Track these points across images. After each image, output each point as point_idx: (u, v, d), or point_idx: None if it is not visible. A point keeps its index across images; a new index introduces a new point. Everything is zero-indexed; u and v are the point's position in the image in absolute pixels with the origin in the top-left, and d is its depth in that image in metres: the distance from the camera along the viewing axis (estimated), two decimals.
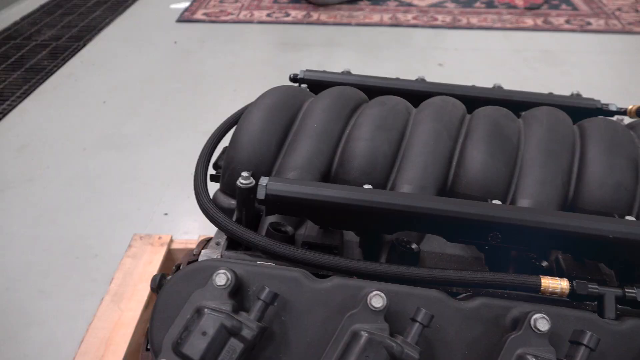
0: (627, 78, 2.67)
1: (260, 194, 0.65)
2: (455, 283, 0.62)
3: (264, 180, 0.65)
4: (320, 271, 0.64)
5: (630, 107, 0.95)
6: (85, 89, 2.58)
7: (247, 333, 0.54)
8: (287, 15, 3.29)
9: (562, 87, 1.06)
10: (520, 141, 0.78)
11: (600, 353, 0.57)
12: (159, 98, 2.49)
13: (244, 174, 0.68)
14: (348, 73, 1.04)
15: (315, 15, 3.26)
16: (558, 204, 0.73)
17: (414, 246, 0.68)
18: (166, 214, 1.83)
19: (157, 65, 2.77)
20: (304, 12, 3.30)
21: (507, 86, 1.03)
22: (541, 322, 0.54)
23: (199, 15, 3.29)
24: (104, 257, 1.66)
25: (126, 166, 2.05)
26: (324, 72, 1.02)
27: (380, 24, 3.17)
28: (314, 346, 0.58)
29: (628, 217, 0.68)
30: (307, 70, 1.02)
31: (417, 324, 0.54)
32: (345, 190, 0.64)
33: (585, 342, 0.53)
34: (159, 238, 1.46)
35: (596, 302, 0.62)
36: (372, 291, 0.56)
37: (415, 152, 0.75)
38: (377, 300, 0.56)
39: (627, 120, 0.94)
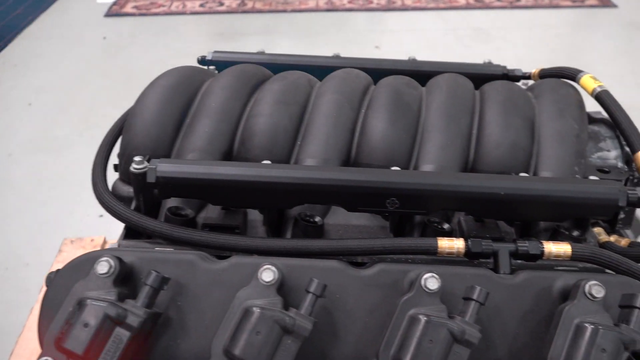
0: (556, 51, 2.76)
1: (151, 177, 0.62)
2: (355, 252, 0.61)
3: (153, 163, 0.63)
4: (222, 252, 0.63)
5: (533, 70, 0.98)
6: (8, 91, 2.45)
7: (133, 320, 0.52)
8: (221, 4, 3.22)
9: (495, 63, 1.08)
10: (421, 108, 0.78)
11: (494, 307, 0.58)
12: (89, 97, 2.39)
13: (137, 158, 0.65)
14: (262, 53, 1.02)
15: (250, 4, 3.21)
16: (460, 167, 0.73)
17: (317, 219, 0.68)
18: (101, 215, 1.77)
19: (85, 63, 2.66)
20: (238, 1, 3.24)
21: None
22: (431, 281, 0.54)
23: (128, 8, 3.17)
24: (35, 265, 1.59)
25: (56, 169, 1.97)
26: (233, 52, 0.99)
27: (316, 10, 3.15)
28: (212, 328, 0.56)
29: (522, 174, 0.69)
30: (216, 52, 0.99)
31: (310, 295, 0.54)
32: (237, 167, 0.62)
33: (475, 297, 0.53)
34: (92, 240, 1.41)
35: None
36: (263, 266, 0.55)
37: (317, 125, 0.74)
38: (268, 274, 0.54)
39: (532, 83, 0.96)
